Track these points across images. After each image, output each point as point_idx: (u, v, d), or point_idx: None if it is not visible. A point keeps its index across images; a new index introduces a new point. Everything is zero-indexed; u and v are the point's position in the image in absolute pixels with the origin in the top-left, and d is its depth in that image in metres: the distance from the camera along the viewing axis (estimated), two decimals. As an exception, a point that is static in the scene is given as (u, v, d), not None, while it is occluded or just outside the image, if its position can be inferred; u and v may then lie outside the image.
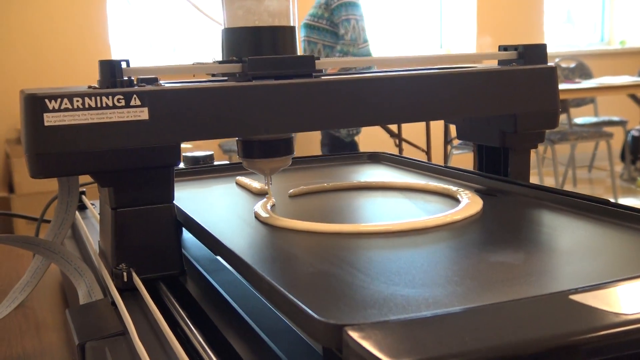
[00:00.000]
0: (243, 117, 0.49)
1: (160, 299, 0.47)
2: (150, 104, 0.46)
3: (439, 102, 0.56)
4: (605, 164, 5.01)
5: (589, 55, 5.10)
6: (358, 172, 0.74)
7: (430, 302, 0.34)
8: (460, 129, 0.69)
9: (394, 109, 0.54)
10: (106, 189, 0.50)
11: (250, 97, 0.49)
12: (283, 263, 0.42)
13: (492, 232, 0.48)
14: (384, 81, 0.54)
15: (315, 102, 0.51)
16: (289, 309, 0.33)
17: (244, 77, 0.51)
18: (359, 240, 0.46)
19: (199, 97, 0.48)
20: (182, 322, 0.42)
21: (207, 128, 0.49)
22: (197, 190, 0.68)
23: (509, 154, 0.64)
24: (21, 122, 0.49)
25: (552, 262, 0.41)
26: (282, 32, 0.53)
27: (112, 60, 0.47)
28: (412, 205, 0.56)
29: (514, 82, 0.59)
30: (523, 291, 0.36)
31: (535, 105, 0.60)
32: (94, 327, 0.43)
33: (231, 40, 0.53)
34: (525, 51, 0.60)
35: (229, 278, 0.49)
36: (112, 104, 0.45)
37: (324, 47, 3.06)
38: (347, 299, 0.35)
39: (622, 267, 0.40)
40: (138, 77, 0.49)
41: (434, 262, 0.41)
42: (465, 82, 0.57)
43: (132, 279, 0.48)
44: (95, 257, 0.56)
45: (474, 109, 0.58)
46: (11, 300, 0.55)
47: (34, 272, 0.55)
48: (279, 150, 0.54)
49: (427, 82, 0.55)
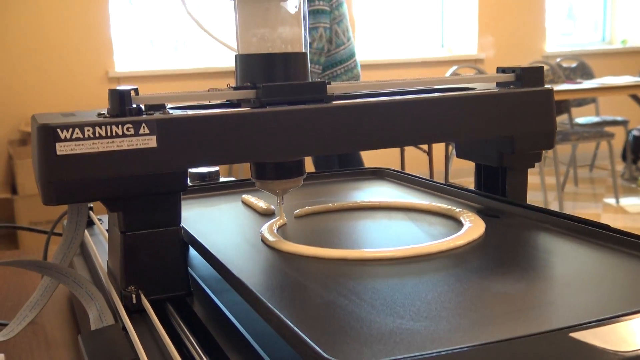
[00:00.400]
0: (253, 143, 0.50)
1: (168, 319, 0.48)
2: (158, 132, 0.48)
3: (441, 125, 0.58)
4: (606, 163, 5.02)
5: (591, 55, 5.11)
6: (362, 190, 0.75)
7: (434, 337, 0.35)
8: (460, 148, 0.70)
9: (400, 132, 0.56)
10: (115, 214, 0.51)
11: (264, 123, 0.51)
12: (291, 293, 0.43)
13: (494, 258, 0.49)
14: (391, 106, 0.55)
15: (326, 127, 0.53)
16: (298, 345, 0.34)
17: (258, 103, 0.52)
18: (364, 267, 0.48)
19: (206, 125, 0.49)
20: (189, 343, 0.43)
21: (214, 154, 0.50)
22: (204, 210, 0.69)
23: (506, 174, 0.65)
24: (33, 150, 0.50)
25: (553, 294, 0.42)
26: (294, 58, 0.55)
27: (122, 89, 0.48)
28: (416, 228, 0.57)
29: (512, 104, 0.60)
30: (524, 326, 0.37)
31: (533, 127, 0.61)
32: (106, 354, 0.44)
33: (245, 66, 0.55)
34: (523, 73, 0.62)
35: (234, 299, 0.50)
36: (122, 132, 0.47)
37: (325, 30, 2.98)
38: (354, 333, 0.36)
39: (622, 299, 0.41)
40: (146, 105, 0.50)
41: (437, 293, 0.42)
42: (466, 105, 0.58)
43: (140, 301, 0.49)
44: (104, 276, 0.57)
45: (474, 131, 0.59)
46: (21, 318, 0.56)
47: (44, 291, 0.56)
48: (291, 172, 0.56)
49: (431, 106, 0.57)
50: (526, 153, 0.63)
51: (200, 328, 0.46)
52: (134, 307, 0.49)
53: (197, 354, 0.41)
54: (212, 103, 0.57)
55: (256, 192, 0.75)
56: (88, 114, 0.50)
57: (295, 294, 0.43)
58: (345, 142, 0.54)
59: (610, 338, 0.33)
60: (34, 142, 0.48)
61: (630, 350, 0.32)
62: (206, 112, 0.51)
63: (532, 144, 0.62)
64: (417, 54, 4.85)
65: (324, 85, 0.54)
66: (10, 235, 3.37)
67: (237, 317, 0.46)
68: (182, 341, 0.44)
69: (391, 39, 4.86)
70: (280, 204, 0.59)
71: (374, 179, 0.81)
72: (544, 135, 0.62)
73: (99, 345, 0.46)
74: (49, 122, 0.46)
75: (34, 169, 0.52)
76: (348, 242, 0.55)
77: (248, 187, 0.77)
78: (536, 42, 5.18)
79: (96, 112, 0.50)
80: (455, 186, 0.70)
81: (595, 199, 4.31)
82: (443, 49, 5.06)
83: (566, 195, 4.39)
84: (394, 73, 4.72)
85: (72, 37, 3.70)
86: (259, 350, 0.41)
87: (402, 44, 4.89)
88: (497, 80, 0.63)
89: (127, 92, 0.48)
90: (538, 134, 0.62)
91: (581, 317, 0.36)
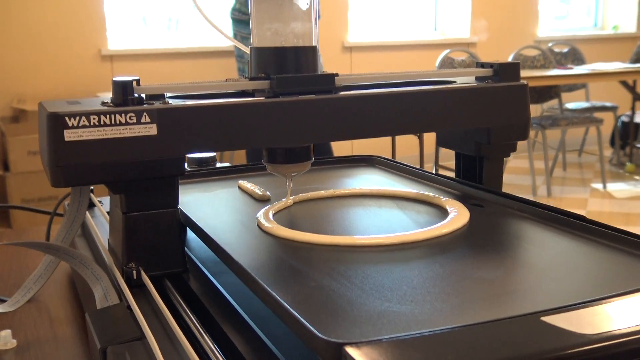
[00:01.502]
0: (264, 130, 0.55)
1: (166, 294, 0.53)
2: (158, 120, 0.52)
3: (426, 116, 0.62)
4: (594, 149, 5.07)
5: (582, 40, 5.13)
6: (354, 177, 0.79)
7: (418, 319, 0.39)
8: (441, 137, 0.75)
9: (391, 122, 0.60)
10: (118, 196, 0.55)
11: (277, 112, 0.55)
12: (286, 276, 0.46)
13: (476, 246, 0.53)
14: (383, 98, 0.60)
15: (332, 116, 0.58)
16: (293, 324, 0.38)
17: (272, 93, 0.57)
18: (354, 253, 0.51)
19: (203, 114, 0.54)
20: (186, 316, 0.47)
21: (210, 141, 0.54)
22: (202, 194, 0.72)
23: (483, 162, 0.70)
24: (41, 136, 0.54)
25: (529, 280, 0.45)
26: (305, 51, 0.59)
27: (124, 80, 0.52)
28: (404, 216, 0.61)
29: (490, 98, 0.64)
30: (501, 310, 0.40)
31: (508, 119, 0.66)
32: (114, 331, 0.47)
33: (259, 58, 0.60)
34: (500, 69, 0.65)
35: (228, 278, 0.53)
36: (125, 121, 0.51)
37: None
38: (345, 314, 0.40)
39: (592, 287, 0.44)
40: (147, 95, 0.54)
41: (422, 278, 0.45)
42: (448, 98, 0.62)
43: (140, 277, 0.53)
44: (105, 254, 0.61)
45: (454, 122, 0.64)
46: (26, 290, 0.59)
47: (47, 265, 0.60)
48: (300, 157, 0.61)
49: (415, 99, 0.61)
50: (502, 144, 0.67)
51: (196, 302, 0.51)
52: (135, 283, 0.53)
53: (193, 325, 0.45)
54: (210, 93, 0.61)
55: (252, 178, 0.78)
56: (92, 102, 0.54)
57: (290, 277, 0.47)
58: (345, 130, 0.58)
59: (578, 322, 0.36)
60: (43, 128, 0.52)
61: (596, 333, 0.35)
62: (203, 102, 0.55)
63: (508, 135, 0.67)
64: (410, 36, 4.86)
65: (333, 77, 0.58)
66: (1, 213, 3.39)
67: (229, 292, 0.50)
68: (179, 314, 0.48)
69: (384, 22, 4.87)
70: (289, 186, 0.64)
71: (365, 166, 0.84)
72: (518, 127, 0.66)
73: (106, 323, 0.49)
74: (57, 110, 0.49)
75: (41, 153, 0.55)
76: (340, 228, 0.58)
77: (244, 173, 0.80)
78: (529, 26, 5.19)
79: (100, 101, 0.54)
80: (443, 176, 0.73)
81: (583, 184, 4.36)
82: (436, 32, 5.07)
83: (554, 180, 4.44)
84: (387, 55, 4.73)
85: (65, 15, 3.69)
86: (250, 323, 0.45)
87: (395, 26, 4.90)
88: (476, 75, 0.67)
89: (129, 83, 0.52)
90: (513, 125, 0.66)
91: (553, 302, 0.40)
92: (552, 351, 0.33)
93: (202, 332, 0.44)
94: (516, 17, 5.12)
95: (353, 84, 0.65)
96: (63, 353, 0.61)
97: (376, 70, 4.72)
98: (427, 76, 0.68)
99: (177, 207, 0.56)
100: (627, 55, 4.79)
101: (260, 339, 0.43)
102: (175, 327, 0.44)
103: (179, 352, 0.44)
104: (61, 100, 0.56)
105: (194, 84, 0.57)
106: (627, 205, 3.84)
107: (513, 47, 4.53)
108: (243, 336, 0.44)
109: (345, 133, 0.58)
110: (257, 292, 0.43)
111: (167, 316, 0.46)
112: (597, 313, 0.38)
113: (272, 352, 0.41)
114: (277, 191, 0.70)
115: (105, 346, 0.45)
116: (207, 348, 0.42)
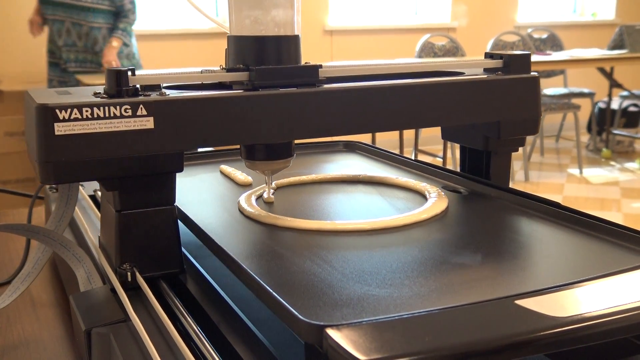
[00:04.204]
0: (248, 125, 0.52)
1: (162, 296, 0.50)
2: (155, 113, 0.49)
3: (431, 109, 0.59)
4: (572, 134, 5.13)
5: (561, 27, 5.17)
6: (335, 162, 0.79)
7: (397, 302, 0.40)
8: (446, 130, 0.72)
9: (389, 116, 0.57)
10: (111, 192, 0.52)
11: (256, 106, 0.52)
12: (269, 261, 0.47)
13: (454, 232, 0.54)
14: (382, 90, 0.56)
15: (317, 111, 0.54)
16: (277, 308, 0.39)
17: (251, 85, 0.54)
18: (335, 238, 0.52)
19: (203, 107, 0.50)
20: (182, 317, 0.46)
21: (210, 136, 0.51)
22: (183, 179, 0.72)
23: (490, 157, 0.67)
24: (28, 128, 0.51)
25: (504, 265, 0.46)
26: (287, 41, 0.56)
27: (119, 69, 0.49)
28: (384, 202, 0.62)
29: (500, 91, 0.62)
30: (476, 294, 0.41)
31: (518, 113, 0.63)
32: (98, 314, 0.48)
33: (237, 48, 0.56)
34: (510, 60, 0.63)
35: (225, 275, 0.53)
36: (120, 113, 0.47)
37: (108, 30, 3.04)
38: (326, 298, 0.41)
39: (564, 272, 0.46)
40: (142, 85, 0.51)
41: (401, 263, 0.46)
42: (455, 91, 0.59)
43: (136, 278, 0.50)
44: (93, 246, 0.60)
45: (462, 116, 0.60)
46: (14, 289, 0.59)
47: (35, 263, 0.59)
48: (280, 154, 0.58)
49: (421, 91, 0.58)
50: (511, 138, 0.65)
51: (194, 304, 0.50)
52: (130, 285, 0.50)
53: (191, 328, 0.44)
54: (205, 83, 0.58)
55: (234, 162, 0.79)
56: (84, 92, 0.52)
57: (273, 262, 0.47)
58: (335, 125, 0.55)
59: (549, 305, 0.38)
60: (31, 121, 0.48)
61: (566, 316, 0.36)
62: (202, 93, 0.51)
63: (517, 130, 0.64)
64: (390, 21, 4.86)
65: (316, 69, 0.55)
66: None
67: (225, 291, 0.49)
68: (176, 317, 0.46)
69: (365, 6, 4.86)
70: (269, 184, 0.62)
71: (346, 152, 0.85)
72: (529, 121, 0.64)
73: (90, 305, 0.49)
74: (47, 101, 0.46)
75: (28, 147, 0.52)
76: (321, 213, 0.59)
77: (225, 157, 0.81)
78: (508, 12, 5.22)
79: (91, 91, 0.52)
80: (422, 162, 0.74)
81: (560, 169, 4.42)
82: (416, 16, 5.07)
83: (532, 165, 4.49)
84: (367, 39, 4.73)
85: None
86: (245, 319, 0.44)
87: (376, 10, 4.89)
88: (484, 66, 0.64)
89: (124, 73, 0.49)
90: (523, 119, 0.64)
91: (527, 286, 0.41)
92: (524, 333, 0.35)
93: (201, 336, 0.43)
94: (496, 3, 5.14)
95: (339, 76, 0.61)
96: (46, 335, 0.61)
97: (356, 55, 4.71)
98: (428, 68, 0.65)
99: (174, 204, 0.53)
100: (605, 42, 4.83)
101: (261, 342, 0.43)
102: (161, 312, 0.45)
103: (164, 336, 0.44)
104: (50, 90, 0.53)
105: (185, 74, 0.54)
106: (603, 190, 3.89)
107: (493, 33, 4.56)
108: (244, 340, 0.44)
109: (334, 128, 0.55)
110: (241, 276, 0.44)
111: (161, 314, 0.46)
112: (568, 296, 0.39)
113: (262, 342, 0.42)
114: (259, 176, 0.71)
115: (90, 328, 0.46)
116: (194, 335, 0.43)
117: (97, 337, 0.46)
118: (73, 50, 3.02)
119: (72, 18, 2.97)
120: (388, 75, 0.63)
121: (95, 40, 3.00)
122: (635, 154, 4.77)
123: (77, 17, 2.97)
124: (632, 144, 4.87)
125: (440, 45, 4.31)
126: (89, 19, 2.98)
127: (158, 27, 4.10)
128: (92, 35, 2.99)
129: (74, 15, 2.97)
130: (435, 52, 4.27)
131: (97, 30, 3.00)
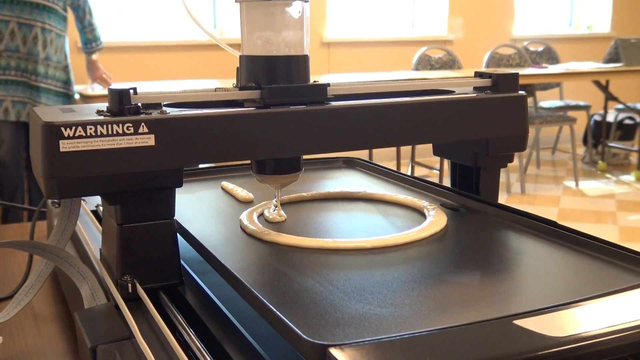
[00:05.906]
0: (255, 141, 0.54)
1: (161, 306, 0.51)
2: (156, 131, 0.51)
3: (424, 127, 0.61)
4: (568, 147, 5.15)
5: (557, 39, 5.21)
6: (334, 179, 0.80)
7: (398, 322, 0.41)
8: (437, 147, 0.74)
9: (388, 133, 0.59)
10: (112, 206, 0.53)
11: (267, 123, 0.54)
12: (273, 280, 0.48)
13: (453, 250, 0.55)
14: (380, 108, 0.59)
15: (326, 127, 0.57)
16: (279, 326, 0.39)
17: (262, 103, 0.56)
18: (337, 256, 0.53)
19: (204, 124, 0.52)
20: (181, 328, 0.47)
21: (211, 153, 0.53)
22: (185, 196, 0.73)
23: (480, 173, 0.69)
24: (34, 145, 0.53)
25: (503, 284, 0.47)
26: (297, 60, 0.58)
27: (121, 89, 0.51)
28: (384, 220, 0.63)
29: (489, 109, 0.64)
30: (475, 314, 0.42)
31: (507, 131, 0.65)
32: (103, 330, 0.49)
33: (249, 67, 0.59)
34: (499, 79, 0.65)
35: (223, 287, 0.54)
36: (122, 131, 0.49)
37: (57, 36, 2.62)
38: (328, 317, 0.42)
39: (562, 291, 0.47)
40: (143, 103, 0.53)
41: (401, 282, 0.47)
42: (447, 109, 0.61)
43: (136, 290, 0.52)
44: (95, 260, 0.61)
45: (453, 133, 0.63)
46: (17, 302, 0.60)
47: (38, 276, 0.60)
48: (289, 168, 0.60)
49: (416, 109, 0.60)
50: (499, 155, 0.67)
51: (193, 315, 0.50)
52: (130, 296, 0.52)
53: (190, 339, 0.45)
54: (207, 101, 0.60)
55: (234, 179, 0.79)
56: (87, 110, 0.53)
57: (275, 280, 0.48)
58: (340, 141, 0.57)
59: (548, 325, 0.39)
60: (37, 138, 0.50)
61: (564, 336, 0.37)
62: (203, 111, 0.53)
63: (506, 147, 0.66)
64: (387, 33, 4.89)
65: (325, 87, 0.57)
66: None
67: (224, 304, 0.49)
68: (173, 323, 0.48)
69: (362, 18, 4.89)
70: (278, 197, 0.63)
71: (345, 168, 0.86)
72: (517, 138, 0.66)
73: (95, 323, 0.50)
74: (52, 119, 0.48)
75: (33, 162, 0.54)
76: (322, 231, 0.60)
77: (226, 174, 0.82)
78: (504, 25, 5.25)
79: (95, 108, 0.53)
80: (420, 179, 0.75)
81: (556, 182, 4.43)
82: (413, 29, 5.10)
83: (528, 177, 4.51)
84: (364, 51, 4.76)
85: None
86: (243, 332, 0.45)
87: (373, 23, 4.92)
88: (474, 85, 0.66)
89: (126, 92, 0.51)
90: (511, 137, 0.66)
91: (525, 306, 0.42)
92: (523, 353, 0.36)
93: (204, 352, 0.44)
94: (492, 16, 5.17)
95: (345, 94, 0.63)
96: (49, 350, 0.62)
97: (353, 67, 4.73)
98: (424, 86, 0.67)
99: (173, 218, 0.54)
100: (601, 55, 4.86)
101: (252, 346, 0.44)
102: (164, 327, 0.45)
103: (167, 352, 0.45)
104: (54, 107, 0.55)
105: (188, 93, 0.56)
106: (599, 203, 3.91)
107: (489, 46, 4.59)
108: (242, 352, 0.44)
109: (339, 145, 0.57)
110: (243, 294, 0.45)
111: (157, 318, 0.47)
112: (566, 316, 0.40)
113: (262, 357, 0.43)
114: (260, 193, 0.72)
115: (96, 345, 0.46)
116: (194, 347, 0.44)
117: (103, 354, 0.46)
118: (14, 57, 2.54)
119: (19, 18, 2.51)
120: (389, 93, 0.65)
121: (44, 44, 2.56)
122: (631, 166, 4.79)
123: (27, 16, 2.52)
124: (627, 156, 4.90)
125: (437, 58, 4.34)
126: (43, 19, 2.55)
127: (151, 38, 4.12)
128: (42, 39, 2.55)
129: (23, 15, 2.51)
130: (432, 65, 4.30)
131: (48, 32, 2.57)
